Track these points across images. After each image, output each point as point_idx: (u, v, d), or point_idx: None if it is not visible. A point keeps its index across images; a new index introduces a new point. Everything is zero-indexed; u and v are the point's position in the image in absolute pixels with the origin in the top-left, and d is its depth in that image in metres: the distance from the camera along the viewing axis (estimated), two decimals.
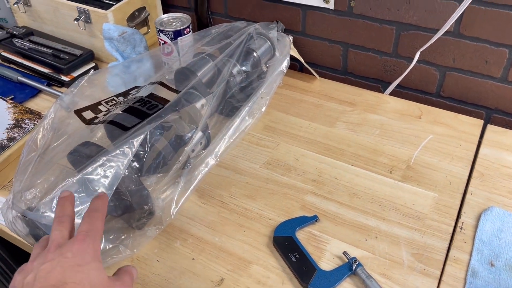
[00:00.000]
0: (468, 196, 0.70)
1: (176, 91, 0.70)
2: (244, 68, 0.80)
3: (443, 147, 0.78)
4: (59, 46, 1.01)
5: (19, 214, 0.56)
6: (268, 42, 0.84)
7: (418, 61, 0.87)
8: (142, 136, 0.58)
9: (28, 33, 1.05)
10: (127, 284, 0.45)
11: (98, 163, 0.56)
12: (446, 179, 0.72)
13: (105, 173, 0.55)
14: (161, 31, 0.89)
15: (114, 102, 0.72)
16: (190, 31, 0.91)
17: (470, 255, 0.62)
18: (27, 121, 0.79)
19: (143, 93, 0.70)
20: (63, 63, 0.96)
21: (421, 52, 0.86)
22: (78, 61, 0.98)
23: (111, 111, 0.68)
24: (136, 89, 0.74)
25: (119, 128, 0.63)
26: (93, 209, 0.47)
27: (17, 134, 0.76)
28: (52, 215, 0.54)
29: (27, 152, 0.64)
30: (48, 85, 0.96)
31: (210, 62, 0.78)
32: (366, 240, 0.64)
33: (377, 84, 0.96)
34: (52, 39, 1.04)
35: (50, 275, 0.40)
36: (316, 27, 0.95)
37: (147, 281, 0.60)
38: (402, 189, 0.71)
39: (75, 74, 0.97)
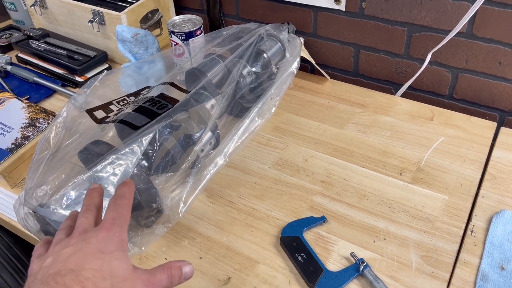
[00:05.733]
0: (479, 199, 0.69)
1: (186, 91, 0.71)
2: (254, 69, 0.80)
3: (455, 149, 0.77)
4: (73, 47, 1.03)
5: (30, 211, 0.57)
6: (279, 43, 0.84)
7: (430, 62, 0.86)
8: (151, 135, 0.59)
9: (44, 34, 1.07)
10: (156, 282, 0.41)
11: (107, 161, 0.57)
12: (457, 182, 0.72)
13: (114, 171, 0.56)
14: (173, 33, 0.90)
15: (125, 102, 0.73)
16: (201, 32, 0.92)
17: (481, 259, 0.61)
18: (41, 120, 0.81)
19: (154, 93, 0.71)
20: (77, 64, 0.98)
21: (433, 54, 0.85)
22: (92, 62, 0.99)
23: (122, 110, 0.69)
24: (147, 89, 0.75)
25: (129, 127, 0.64)
26: (120, 196, 0.45)
27: (31, 133, 0.78)
28: (62, 212, 0.55)
29: (39, 150, 0.65)
30: (63, 85, 0.98)
31: (220, 63, 0.78)
32: (374, 241, 0.64)
33: (389, 86, 0.96)
34: (67, 40, 1.06)
35: (69, 259, 0.38)
36: (327, 28, 0.95)
37: None
38: (412, 191, 0.71)
39: (89, 75, 0.99)
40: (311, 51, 0.99)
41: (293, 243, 0.62)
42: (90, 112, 0.70)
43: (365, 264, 0.59)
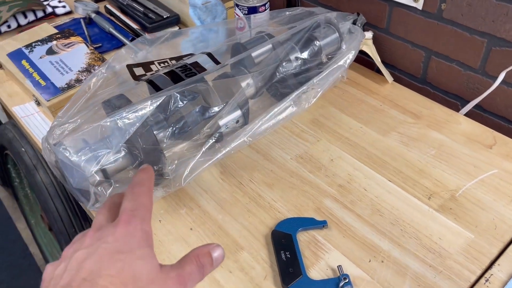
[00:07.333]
0: (511, 248, 0.59)
1: (218, 63, 0.71)
2: (301, 54, 0.76)
3: (505, 186, 0.67)
4: (151, 5, 1.07)
5: (47, 146, 0.62)
6: (337, 33, 0.79)
7: (506, 83, 0.75)
8: (162, 98, 0.60)
9: None
10: (187, 277, 0.34)
11: (117, 115, 0.59)
12: (492, 222, 0.62)
13: (119, 125, 0.58)
14: (237, 5, 0.89)
15: (165, 64, 0.75)
16: (266, 9, 0.89)
17: None
18: (96, 67, 0.86)
19: (191, 60, 0.72)
20: (149, 22, 1.02)
21: (510, 73, 0.74)
22: (163, 22, 1.03)
23: (158, 71, 0.71)
24: (189, 56, 0.76)
25: (153, 88, 0.65)
26: (137, 183, 0.37)
27: (84, 78, 0.84)
28: (67, 154, 0.58)
29: (79, 93, 0.69)
30: (132, 40, 1.03)
31: (267, 42, 0.76)
32: (370, 261, 0.58)
33: (456, 101, 0.86)
34: None
35: (82, 266, 0.32)
36: (401, 26, 0.87)
37: None
38: (435, 219, 0.63)
39: (157, 34, 1.03)
40: (379, 48, 0.92)
41: (282, 240, 0.60)
42: (130, 67, 0.72)
43: (347, 281, 0.54)
